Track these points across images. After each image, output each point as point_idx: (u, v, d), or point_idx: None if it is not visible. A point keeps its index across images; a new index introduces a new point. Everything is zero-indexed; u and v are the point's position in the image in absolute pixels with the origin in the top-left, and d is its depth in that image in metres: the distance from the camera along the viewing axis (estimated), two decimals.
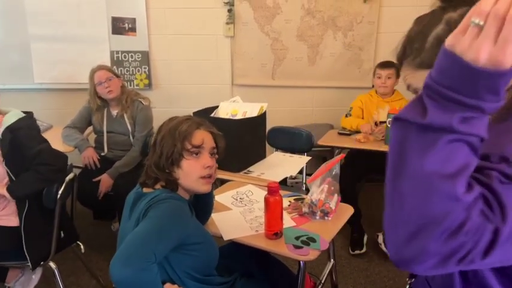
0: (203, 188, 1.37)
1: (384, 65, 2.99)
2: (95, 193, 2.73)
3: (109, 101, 2.86)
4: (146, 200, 1.28)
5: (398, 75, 2.95)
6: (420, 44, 0.81)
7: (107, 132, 2.89)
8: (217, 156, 1.43)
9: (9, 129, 1.94)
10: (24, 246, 1.96)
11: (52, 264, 2.08)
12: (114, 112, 2.89)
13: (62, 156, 2.06)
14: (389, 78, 2.98)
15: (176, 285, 1.26)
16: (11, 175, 1.96)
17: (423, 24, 0.82)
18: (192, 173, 1.34)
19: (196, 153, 1.34)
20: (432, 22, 0.81)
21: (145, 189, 1.37)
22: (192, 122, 1.37)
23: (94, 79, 2.79)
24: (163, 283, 1.23)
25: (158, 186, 1.36)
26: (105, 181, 2.72)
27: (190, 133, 1.33)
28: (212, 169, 1.38)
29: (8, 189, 1.94)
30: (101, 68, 2.85)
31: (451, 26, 0.75)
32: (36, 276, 2.24)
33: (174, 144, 1.31)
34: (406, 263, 0.64)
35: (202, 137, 1.36)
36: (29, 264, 1.97)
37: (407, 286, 1.11)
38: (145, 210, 1.24)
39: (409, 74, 0.84)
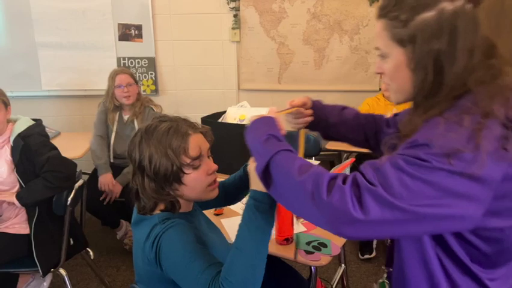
0: (211, 195, 1.25)
1: None
2: (102, 201, 2.74)
3: (123, 105, 2.88)
4: (147, 237, 1.15)
5: None
6: (408, 17, 0.84)
7: (116, 135, 2.91)
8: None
9: (21, 136, 1.96)
10: (34, 254, 1.97)
11: (62, 271, 2.09)
12: (126, 117, 2.91)
13: (70, 164, 2.07)
14: None
15: None
16: (22, 183, 1.97)
17: (417, 1, 0.84)
18: (198, 185, 1.19)
19: (198, 165, 1.18)
20: (427, 2, 0.83)
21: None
22: (178, 131, 1.17)
23: (115, 80, 2.80)
24: None
25: (157, 211, 1.21)
26: (115, 188, 2.74)
27: (186, 146, 1.15)
28: (215, 172, 1.26)
29: (17, 197, 1.95)
30: (124, 71, 2.87)
31: (442, 19, 0.81)
32: (46, 283, 2.25)
33: (171, 164, 1.13)
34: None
35: (198, 143, 1.18)
36: (40, 271, 1.98)
37: (385, 275, 1.15)
38: (154, 254, 1.12)
39: (384, 38, 0.89)
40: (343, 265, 2.08)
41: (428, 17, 0.82)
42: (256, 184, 1.03)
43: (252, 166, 1.03)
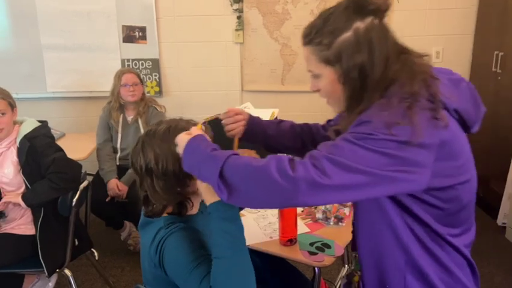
0: None
1: None
2: (105, 202, 2.77)
3: (126, 104, 2.90)
4: (152, 240, 1.16)
5: None
6: (330, 41, 0.99)
7: (121, 136, 2.93)
8: None
9: (27, 138, 1.98)
10: (40, 254, 1.98)
11: (67, 272, 2.10)
12: (129, 118, 2.92)
13: (75, 165, 2.08)
14: None
15: None
16: (27, 184, 1.99)
17: (335, 25, 0.99)
18: None
19: None
20: (343, 26, 0.98)
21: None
22: (178, 128, 1.19)
23: (121, 79, 2.83)
24: None
25: (164, 214, 1.22)
26: (122, 190, 2.77)
27: None
28: None
29: (23, 198, 1.97)
30: (130, 71, 2.91)
31: (358, 37, 0.97)
32: (52, 283, 2.26)
33: (179, 160, 1.12)
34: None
35: None
36: (45, 271, 1.99)
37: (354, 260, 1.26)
38: (158, 258, 1.13)
39: (313, 61, 1.04)
40: (346, 266, 2.08)
41: (346, 37, 0.98)
42: (210, 198, 1.06)
43: (201, 185, 1.06)
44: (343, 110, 1.07)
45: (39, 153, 1.97)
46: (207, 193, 1.06)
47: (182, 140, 1.08)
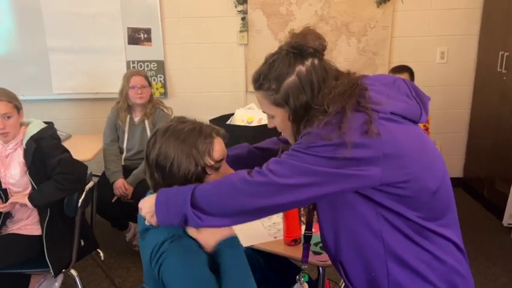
0: None
1: (398, 69, 2.97)
2: (111, 203, 2.78)
3: (134, 106, 2.92)
4: (154, 250, 1.15)
5: (412, 79, 2.94)
6: (277, 86, 1.11)
7: (128, 136, 2.95)
8: None
9: (33, 139, 1.99)
10: (46, 255, 2.00)
11: (73, 272, 2.12)
12: (136, 118, 2.94)
13: (81, 166, 2.10)
14: None
15: None
16: (34, 184, 2.00)
17: (279, 71, 1.10)
18: None
19: (219, 167, 1.19)
20: (287, 71, 1.10)
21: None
22: (203, 132, 1.17)
23: (130, 81, 2.84)
24: None
25: None
26: (128, 190, 2.79)
27: (211, 148, 1.16)
28: None
29: (29, 198, 1.98)
30: (139, 73, 2.92)
31: (301, 79, 1.09)
32: (58, 283, 2.28)
33: (195, 164, 1.14)
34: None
35: (221, 147, 1.20)
36: (51, 272, 2.01)
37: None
38: (157, 272, 1.13)
39: (265, 104, 1.16)
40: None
41: (291, 81, 1.10)
42: (209, 240, 1.15)
43: (191, 230, 1.15)
44: (294, 141, 1.17)
45: (45, 154, 1.98)
46: (207, 239, 1.15)
47: (148, 201, 1.15)
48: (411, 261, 1.11)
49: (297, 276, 1.49)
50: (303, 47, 1.10)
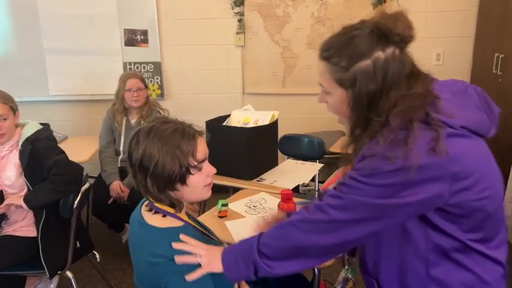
0: (207, 195, 1.27)
1: None
2: (107, 205, 2.78)
3: (130, 108, 2.91)
4: (155, 262, 1.17)
5: None
6: (348, 65, 0.99)
7: (124, 138, 2.94)
8: None
9: (29, 140, 1.99)
10: (41, 256, 1.99)
11: (69, 274, 2.11)
12: (133, 120, 2.94)
13: (77, 168, 2.09)
14: None
15: None
16: (29, 186, 2.00)
17: (355, 50, 0.98)
18: (198, 185, 1.21)
19: (201, 168, 1.21)
20: (364, 53, 0.98)
21: (145, 217, 1.25)
22: (186, 133, 1.18)
23: (126, 84, 2.84)
24: None
25: (163, 206, 1.23)
26: (124, 192, 2.78)
27: (194, 149, 1.17)
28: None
29: (25, 200, 1.98)
30: (135, 76, 2.92)
31: (376, 67, 0.97)
32: (53, 285, 2.27)
33: (179, 165, 1.15)
34: None
35: (204, 147, 1.22)
36: (47, 273, 2.00)
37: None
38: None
39: (327, 78, 1.04)
40: (346, 267, 2.08)
41: (365, 65, 0.98)
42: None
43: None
44: (348, 131, 1.10)
45: (41, 156, 1.98)
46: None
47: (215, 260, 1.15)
48: (454, 286, 1.06)
49: (343, 273, 1.47)
50: (390, 32, 0.97)
